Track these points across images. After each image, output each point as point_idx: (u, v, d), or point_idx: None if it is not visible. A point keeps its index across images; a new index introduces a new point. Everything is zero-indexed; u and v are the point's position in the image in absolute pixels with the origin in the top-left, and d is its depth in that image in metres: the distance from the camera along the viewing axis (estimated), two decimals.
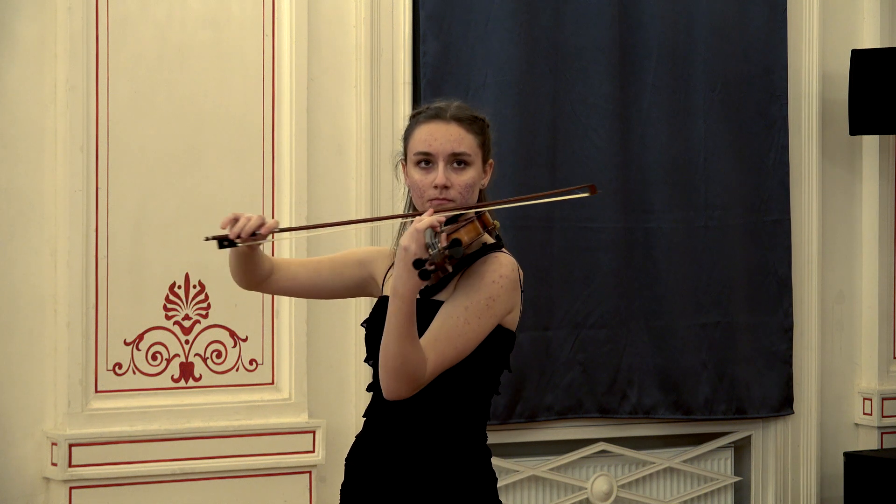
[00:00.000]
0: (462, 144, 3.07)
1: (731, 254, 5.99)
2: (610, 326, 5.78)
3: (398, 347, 2.87)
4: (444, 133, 3.08)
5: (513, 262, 3.05)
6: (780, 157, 6.08)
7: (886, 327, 6.33)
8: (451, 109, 3.11)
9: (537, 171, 5.64)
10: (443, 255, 2.75)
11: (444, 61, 5.49)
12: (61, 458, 4.87)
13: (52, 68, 4.93)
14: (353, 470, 3.15)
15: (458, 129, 3.09)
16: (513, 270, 3.03)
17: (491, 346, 3.02)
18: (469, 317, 2.95)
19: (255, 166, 5.20)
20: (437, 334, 2.94)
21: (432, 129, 3.09)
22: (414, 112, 3.20)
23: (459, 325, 2.95)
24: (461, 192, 3.06)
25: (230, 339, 5.18)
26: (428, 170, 3.08)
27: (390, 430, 3.08)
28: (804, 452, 6.18)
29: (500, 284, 3.00)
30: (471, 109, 3.15)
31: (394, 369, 2.89)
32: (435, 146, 3.07)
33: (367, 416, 3.16)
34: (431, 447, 3.04)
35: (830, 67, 6.23)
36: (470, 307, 2.96)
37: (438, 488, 3.04)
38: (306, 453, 5.18)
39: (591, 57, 5.72)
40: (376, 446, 3.10)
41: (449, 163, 3.07)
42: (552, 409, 5.70)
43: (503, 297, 3.00)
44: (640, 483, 5.98)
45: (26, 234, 4.93)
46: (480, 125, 3.13)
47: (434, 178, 3.06)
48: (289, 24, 5.21)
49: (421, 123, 3.12)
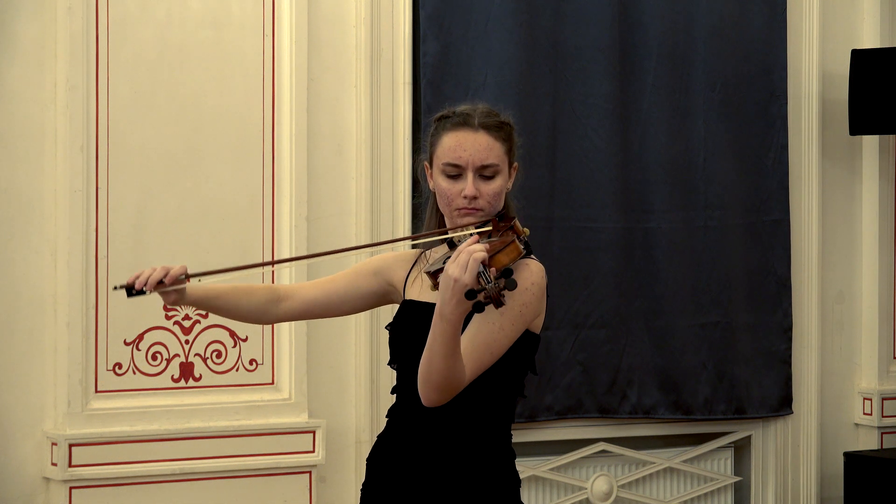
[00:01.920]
0: (491, 155, 3.06)
1: (731, 254, 5.99)
2: (610, 326, 5.78)
3: (443, 366, 2.87)
4: (473, 143, 3.06)
5: (541, 268, 3.07)
6: (780, 157, 6.08)
7: (886, 327, 6.34)
8: (478, 116, 3.08)
9: (537, 171, 5.64)
10: (498, 287, 2.74)
11: (444, 61, 5.49)
12: (61, 458, 4.87)
13: (52, 68, 4.93)
14: (376, 470, 3.15)
15: (487, 139, 3.07)
16: (542, 277, 3.05)
17: (517, 350, 3.04)
18: (504, 323, 2.96)
19: (255, 166, 5.20)
20: (475, 342, 2.94)
21: (461, 138, 3.07)
22: (439, 115, 3.16)
23: (495, 332, 2.95)
24: (490, 201, 3.07)
25: (230, 339, 5.18)
26: (456, 179, 3.07)
27: (415, 431, 3.08)
28: (804, 452, 6.18)
29: (532, 292, 3.02)
30: (497, 114, 3.12)
31: (437, 383, 2.89)
32: (464, 157, 3.05)
33: (390, 417, 3.17)
34: (456, 449, 3.05)
35: (830, 67, 6.23)
36: (505, 313, 2.96)
37: (462, 489, 3.04)
38: (306, 453, 5.18)
39: (591, 57, 5.72)
40: (400, 447, 3.11)
41: (477, 173, 3.06)
42: (552, 409, 5.70)
43: (534, 304, 3.02)
44: (640, 483, 5.98)
45: (26, 234, 4.93)
46: (508, 131, 3.11)
47: (462, 187, 3.05)
48: (289, 24, 5.21)
49: (448, 130, 3.09)
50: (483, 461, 3.05)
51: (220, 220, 5.15)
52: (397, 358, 3.13)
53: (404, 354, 3.11)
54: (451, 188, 3.07)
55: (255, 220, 5.19)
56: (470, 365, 2.92)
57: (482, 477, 3.04)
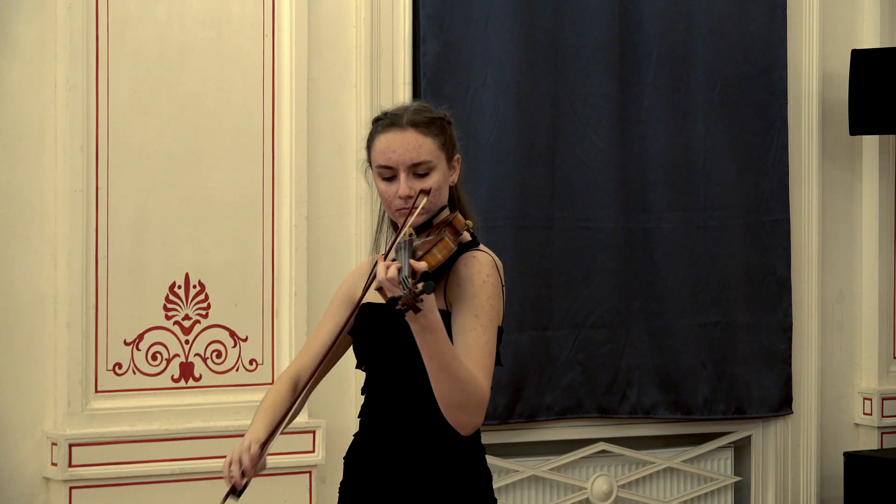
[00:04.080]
0: (421, 152, 3.06)
1: (731, 254, 5.99)
2: (610, 326, 5.78)
3: (453, 379, 2.86)
4: (402, 143, 3.06)
5: (490, 259, 3.06)
6: (780, 157, 6.08)
7: (886, 327, 6.33)
8: (407, 115, 3.09)
9: (537, 171, 5.64)
10: (412, 295, 2.73)
11: (444, 61, 5.49)
12: (61, 458, 4.87)
13: (52, 68, 4.93)
14: (351, 469, 3.17)
15: (416, 136, 3.07)
16: (493, 267, 3.04)
17: None
18: (484, 323, 2.97)
19: (255, 166, 5.20)
20: (469, 350, 2.94)
21: (390, 139, 3.08)
22: (374, 118, 3.18)
23: (480, 334, 2.96)
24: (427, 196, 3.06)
25: (230, 339, 5.18)
26: (391, 181, 3.08)
27: (386, 430, 3.09)
28: (804, 452, 6.17)
29: (490, 283, 3.02)
30: (430, 110, 3.12)
31: (459, 402, 2.89)
32: (394, 158, 3.06)
33: (361, 417, 3.18)
34: (427, 446, 3.05)
35: (830, 67, 6.23)
36: (479, 314, 2.97)
37: (434, 486, 3.05)
38: (306, 453, 5.18)
39: (591, 57, 5.72)
40: (373, 446, 3.12)
41: (410, 171, 3.06)
42: (552, 409, 5.70)
43: (497, 294, 3.03)
44: (640, 483, 5.98)
45: (26, 234, 4.93)
46: (440, 125, 3.10)
47: (398, 188, 3.06)
48: (289, 24, 5.21)
49: (379, 133, 3.11)
50: (453, 457, 3.05)
51: (220, 219, 5.15)
52: (363, 360, 3.15)
53: (369, 356, 3.13)
54: (388, 190, 3.08)
55: (255, 220, 5.19)
56: (480, 374, 2.92)
57: (452, 473, 3.05)
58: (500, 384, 5.56)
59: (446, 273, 3.04)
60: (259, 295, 5.17)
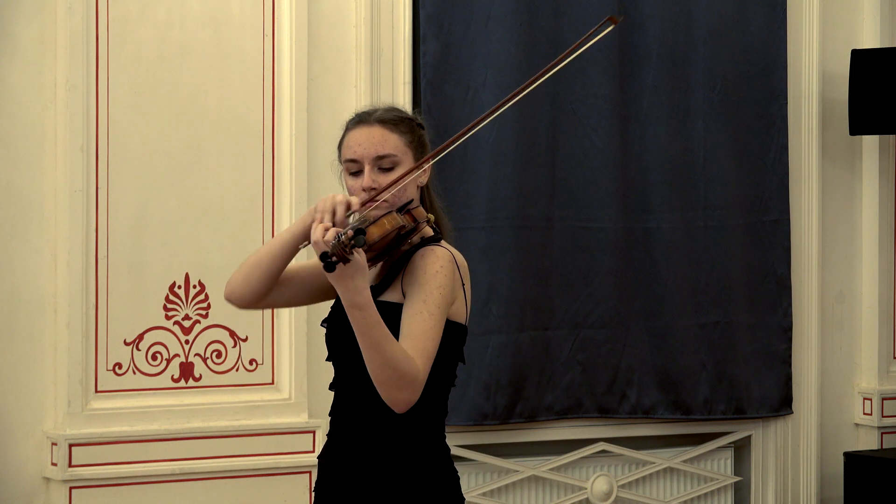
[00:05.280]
0: (386, 146, 3.11)
1: (731, 254, 5.99)
2: (609, 326, 5.78)
3: (382, 357, 2.89)
4: (367, 137, 3.11)
5: (447, 253, 3.08)
6: (780, 157, 6.08)
7: (886, 327, 6.34)
8: (377, 113, 3.15)
9: (537, 171, 5.64)
10: (340, 244, 2.76)
11: (444, 61, 5.49)
12: (61, 458, 4.87)
13: (52, 68, 4.93)
14: (323, 468, 3.20)
15: (382, 131, 3.12)
16: (448, 261, 3.07)
17: (444, 341, 3.05)
18: (431, 309, 2.99)
19: (255, 166, 5.20)
20: (411, 333, 2.97)
21: (357, 134, 3.13)
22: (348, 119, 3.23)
23: (426, 319, 2.98)
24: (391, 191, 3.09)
25: (230, 339, 5.18)
26: (357, 175, 3.13)
27: (352, 428, 3.12)
28: (804, 452, 6.18)
29: (443, 274, 3.04)
30: (401, 111, 3.19)
31: (390, 379, 2.91)
32: (359, 151, 3.11)
33: (331, 416, 3.20)
34: (392, 443, 3.07)
35: (830, 67, 6.23)
36: (427, 300, 3.00)
37: (401, 485, 3.07)
38: (306, 453, 5.18)
39: (591, 57, 5.72)
40: (341, 445, 3.14)
41: (375, 165, 3.11)
42: (552, 409, 5.70)
43: (448, 286, 3.05)
44: (640, 483, 5.98)
45: (26, 234, 4.93)
46: (408, 124, 3.16)
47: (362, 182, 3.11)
48: (289, 24, 5.21)
49: (349, 130, 3.17)
50: (417, 455, 3.08)
51: (220, 219, 5.15)
52: (333, 355, 3.17)
53: (338, 351, 3.15)
54: (354, 185, 3.13)
55: (255, 220, 5.19)
56: (417, 356, 2.94)
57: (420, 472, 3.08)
58: (500, 384, 5.56)
59: (403, 266, 3.07)
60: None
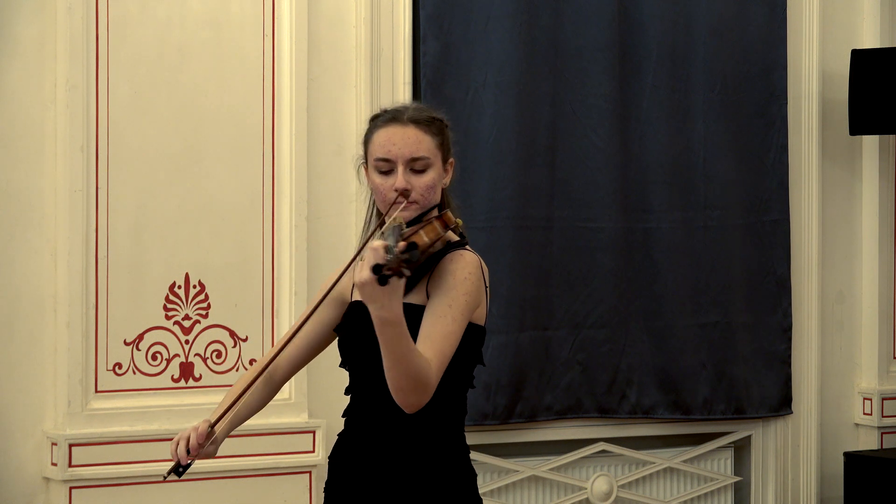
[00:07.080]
0: (420, 148, 3.12)
1: (731, 254, 5.99)
2: (609, 326, 5.78)
3: (405, 367, 2.88)
4: (402, 137, 3.12)
5: (475, 259, 3.10)
6: (780, 157, 6.08)
7: (886, 327, 6.34)
8: (408, 112, 3.15)
9: (537, 171, 5.64)
10: (398, 259, 2.75)
11: (444, 61, 5.49)
12: (61, 458, 4.87)
13: (52, 68, 4.93)
14: (337, 468, 3.19)
15: (416, 132, 3.12)
16: (477, 267, 3.08)
17: (464, 343, 3.06)
18: (455, 314, 3.00)
19: (255, 166, 5.20)
20: (431, 334, 2.97)
21: (390, 133, 3.13)
22: (373, 116, 3.23)
23: (448, 323, 2.99)
24: (423, 193, 3.11)
25: (230, 339, 5.18)
26: (388, 174, 3.13)
27: (370, 430, 3.11)
28: (804, 452, 6.17)
29: (471, 280, 3.05)
30: (428, 110, 3.18)
31: (408, 387, 2.91)
32: (394, 151, 3.12)
33: (346, 416, 3.20)
34: (410, 445, 3.07)
35: (830, 67, 6.23)
36: (453, 305, 3.00)
37: (420, 486, 3.07)
38: (306, 453, 5.18)
39: (591, 57, 5.72)
40: (357, 446, 3.14)
41: (408, 166, 3.11)
42: (552, 409, 5.70)
43: (474, 293, 3.06)
44: (640, 483, 5.98)
45: (26, 234, 4.93)
46: (439, 125, 3.17)
47: (394, 181, 3.11)
48: (289, 24, 5.21)
49: (379, 127, 3.16)
50: (436, 455, 3.08)
51: (220, 220, 5.15)
52: (349, 360, 3.17)
53: (355, 356, 3.15)
54: (384, 183, 3.14)
55: (255, 220, 5.19)
56: (434, 359, 2.94)
57: (436, 472, 3.08)
58: (500, 384, 5.56)
59: (431, 268, 3.07)
60: (259, 295, 5.17)
